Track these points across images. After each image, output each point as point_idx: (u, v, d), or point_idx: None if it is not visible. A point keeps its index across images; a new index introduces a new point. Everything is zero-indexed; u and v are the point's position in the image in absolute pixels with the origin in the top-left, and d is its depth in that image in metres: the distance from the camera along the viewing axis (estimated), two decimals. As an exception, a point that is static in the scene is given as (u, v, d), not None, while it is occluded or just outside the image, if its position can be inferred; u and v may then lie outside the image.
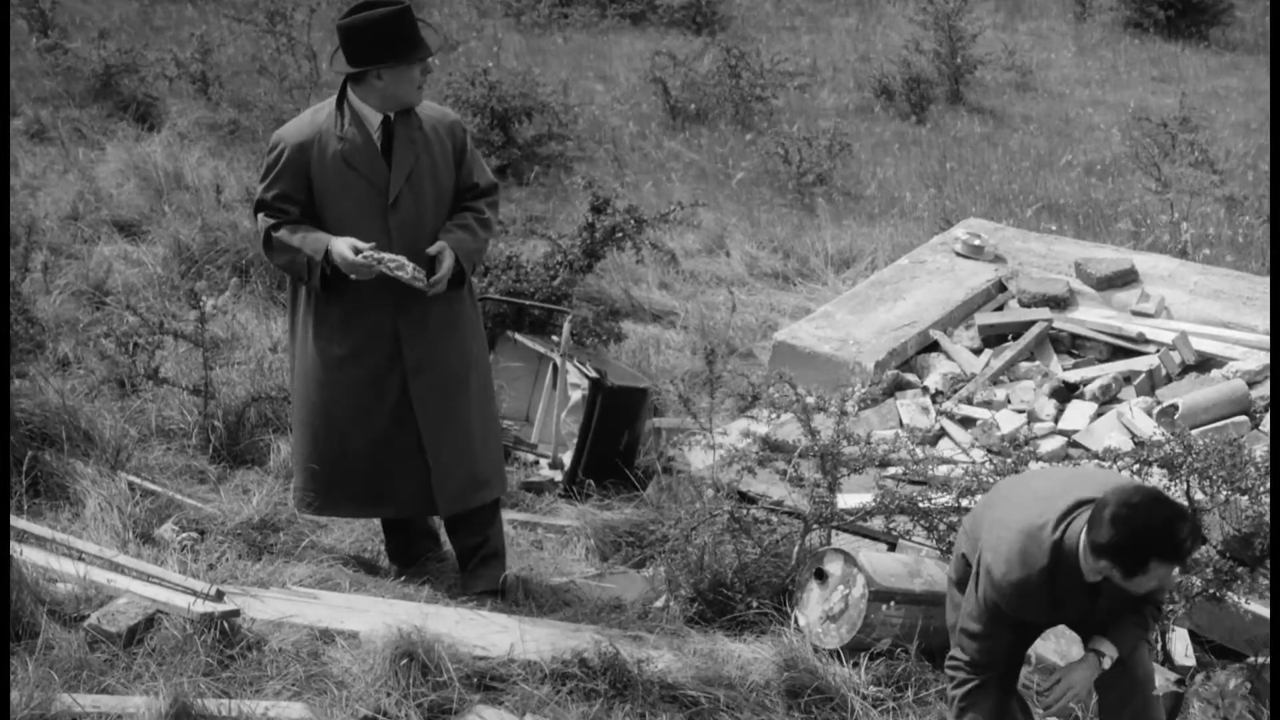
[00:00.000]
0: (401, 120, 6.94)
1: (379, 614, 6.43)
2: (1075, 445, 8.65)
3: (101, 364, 8.84)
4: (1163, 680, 6.34)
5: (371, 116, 6.92)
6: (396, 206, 6.92)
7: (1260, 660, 6.97)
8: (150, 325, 8.78)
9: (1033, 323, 9.74)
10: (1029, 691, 5.96)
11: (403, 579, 7.24)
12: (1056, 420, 8.89)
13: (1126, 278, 10.28)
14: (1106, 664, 5.79)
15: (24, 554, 6.27)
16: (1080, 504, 5.55)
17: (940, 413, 9.05)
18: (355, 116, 6.91)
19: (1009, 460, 7.23)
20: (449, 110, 7.38)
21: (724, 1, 22.60)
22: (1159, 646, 6.87)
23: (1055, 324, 9.77)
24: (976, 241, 10.74)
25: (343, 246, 6.76)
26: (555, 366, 9.13)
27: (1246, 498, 7.15)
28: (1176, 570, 5.71)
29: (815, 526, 7.39)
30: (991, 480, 7.02)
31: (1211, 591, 6.91)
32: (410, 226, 6.94)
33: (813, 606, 6.95)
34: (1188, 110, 17.63)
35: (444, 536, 7.57)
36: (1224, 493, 7.08)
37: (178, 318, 9.30)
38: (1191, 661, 6.89)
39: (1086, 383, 9.14)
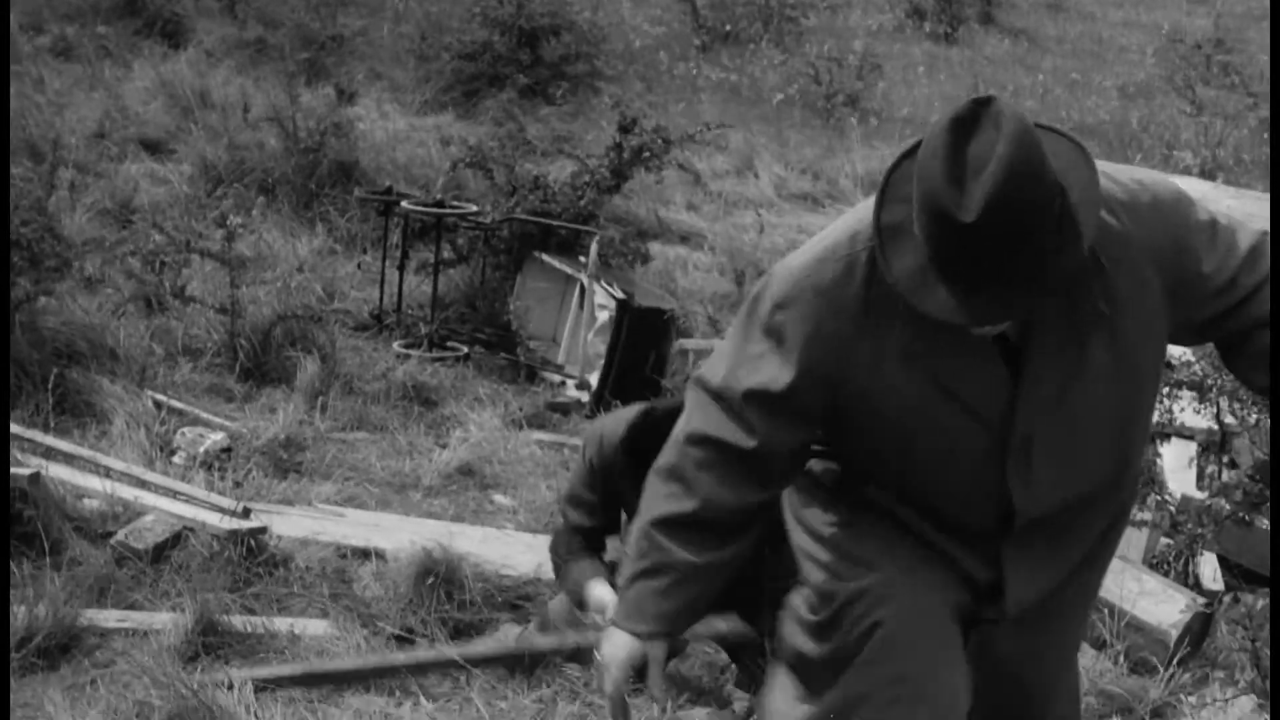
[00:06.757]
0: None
1: (405, 532, 6.42)
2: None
3: (128, 282, 8.82)
4: (1191, 602, 6.30)
5: None
6: (1028, 456, 3.41)
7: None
8: (177, 244, 8.77)
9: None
10: None
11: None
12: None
13: (1159, 200, 10.19)
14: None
15: (51, 470, 6.28)
16: None
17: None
18: None
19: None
20: (1166, 201, 3.42)
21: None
22: (1186, 570, 6.83)
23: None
24: (1007, 163, 10.63)
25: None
26: (582, 287, 9.09)
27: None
28: None
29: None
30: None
31: (1240, 515, 6.87)
32: (1048, 488, 3.46)
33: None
34: (1222, 32, 17.47)
35: None
36: (1255, 415, 7.04)
37: (204, 236, 9.28)
38: (1219, 585, 6.86)
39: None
